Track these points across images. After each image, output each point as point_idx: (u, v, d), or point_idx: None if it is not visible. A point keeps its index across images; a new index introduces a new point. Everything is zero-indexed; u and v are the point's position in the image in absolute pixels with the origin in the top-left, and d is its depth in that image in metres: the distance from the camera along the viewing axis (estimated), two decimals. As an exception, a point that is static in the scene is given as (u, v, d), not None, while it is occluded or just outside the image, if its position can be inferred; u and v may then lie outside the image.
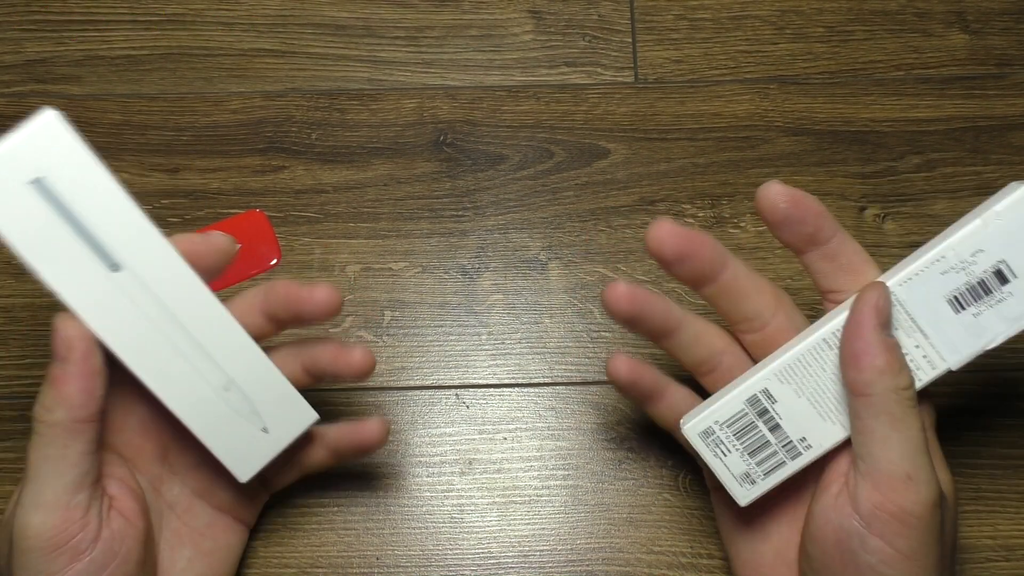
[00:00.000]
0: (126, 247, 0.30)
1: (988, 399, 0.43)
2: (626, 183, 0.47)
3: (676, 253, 0.32)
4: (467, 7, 0.51)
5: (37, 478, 0.31)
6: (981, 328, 0.33)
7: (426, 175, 0.48)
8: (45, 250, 0.30)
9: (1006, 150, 0.48)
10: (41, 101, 0.49)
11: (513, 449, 0.42)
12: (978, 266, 0.32)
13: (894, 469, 0.31)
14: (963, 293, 0.33)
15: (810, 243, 0.33)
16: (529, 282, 0.45)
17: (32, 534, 0.31)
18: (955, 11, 0.51)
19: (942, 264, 0.33)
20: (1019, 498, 0.41)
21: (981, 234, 0.32)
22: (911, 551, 0.31)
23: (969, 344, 0.33)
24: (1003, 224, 0.32)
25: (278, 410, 0.34)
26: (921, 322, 0.33)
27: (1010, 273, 0.32)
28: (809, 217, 0.32)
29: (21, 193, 0.29)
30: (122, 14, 0.51)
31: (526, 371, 0.44)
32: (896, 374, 0.31)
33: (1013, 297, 0.32)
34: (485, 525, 0.41)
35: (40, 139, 0.29)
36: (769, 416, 0.34)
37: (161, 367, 0.32)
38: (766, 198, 0.32)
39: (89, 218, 0.30)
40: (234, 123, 0.48)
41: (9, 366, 0.44)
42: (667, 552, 0.41)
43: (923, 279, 0.33)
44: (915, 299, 0.33)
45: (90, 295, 0.30)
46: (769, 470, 0.34)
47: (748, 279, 0.34)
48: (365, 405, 0.43)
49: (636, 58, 0.50)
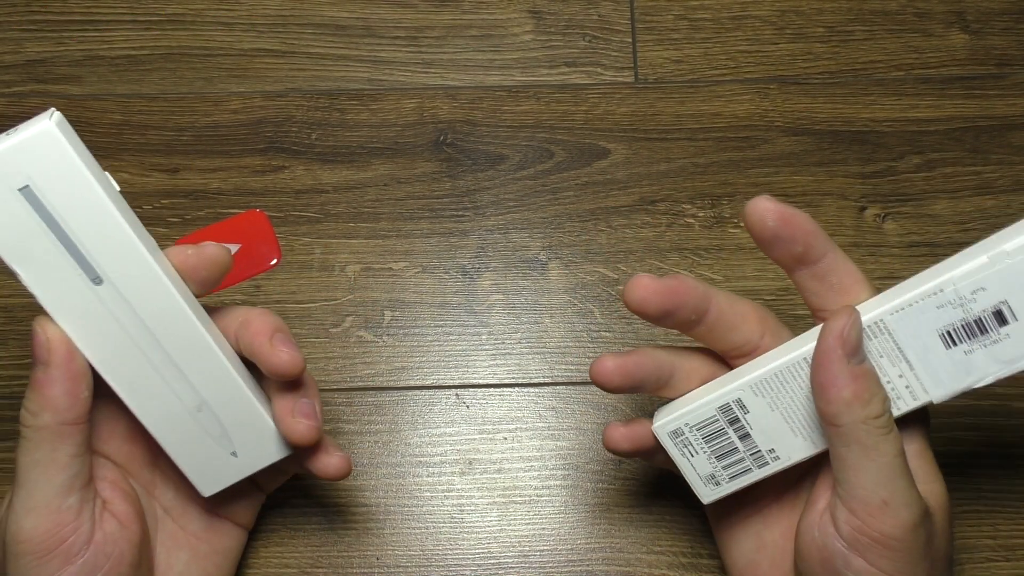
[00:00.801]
0: (110, 261, 0.30)
1: (988, 399, 0.43)
2: (626, 183, 0.47)
3: (660, 310, 0.32)
4: (467, 7, 0.51)
5: (27, 483, 0.31)
6: (971, 366, 0.31)
7: (426, 175, 0.48)
8: (28, 256, 0.30)
9: (1006, 150, 0.48)
10: (41, 101, 0.49)
11: (513, 449, 0.42)
12: (977, 304, 0.30)
13: (869, 496, 0.30)
14: (957, 329, 0.31)
15: (800, 262, 0.32)
16: (529, 282, 0.45)
17: (24, 538, 0.31)
18: (955, 11, 0.51)
19: (939, 298, 0.31)
20: (1019, 498, 0.41)
21: (986, 272, 0.30)
22: (896, 571, 0.30)
23: (956, 380, 0.32)
24: (1013, 264, 0.30)
25: (250, 438, 0.34)
26: (908, 353, 0.32)
27: (1011, 315, 0.31)
28: (799, 235, 0.31)
29: (8, 199, 0.29)
30: (122, 14, 0.51)
31: (526, 371, 0.44)
32: (865, 404, 0.30)
33: (1010, 339, 0.31)
34: (485, 525, 0.41)
35: (34, 145, 0.29)
36: (740, 425, 0.33)
37: (135, 381, 0.32)
38: (754, 214, 0.31)
39: (75, 229, 0.30)
40: (234, 123, 0.48)
41: (9, 366, 0.44)
42: (667, 552, 0.41)
43: (917, 310, 0.31)
44: (906, 329, 0.31)
45: (70, 304, 0.30)
46: (735, 475, 0.34)
47: (732, 310, 0.33)
48: (366, 406, 0.43)
49: (636, 58, 0.50)
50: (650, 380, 0.33)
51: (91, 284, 0.30)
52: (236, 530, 0.38)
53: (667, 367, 0.34)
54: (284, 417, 0.33)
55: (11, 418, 0.43)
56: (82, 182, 0.29)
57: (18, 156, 0.29)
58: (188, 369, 0.32)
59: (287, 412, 0.33)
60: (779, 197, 0.31)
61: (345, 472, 0.35)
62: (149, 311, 0.31)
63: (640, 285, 0.31)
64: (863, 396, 0.30)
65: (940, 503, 0.32)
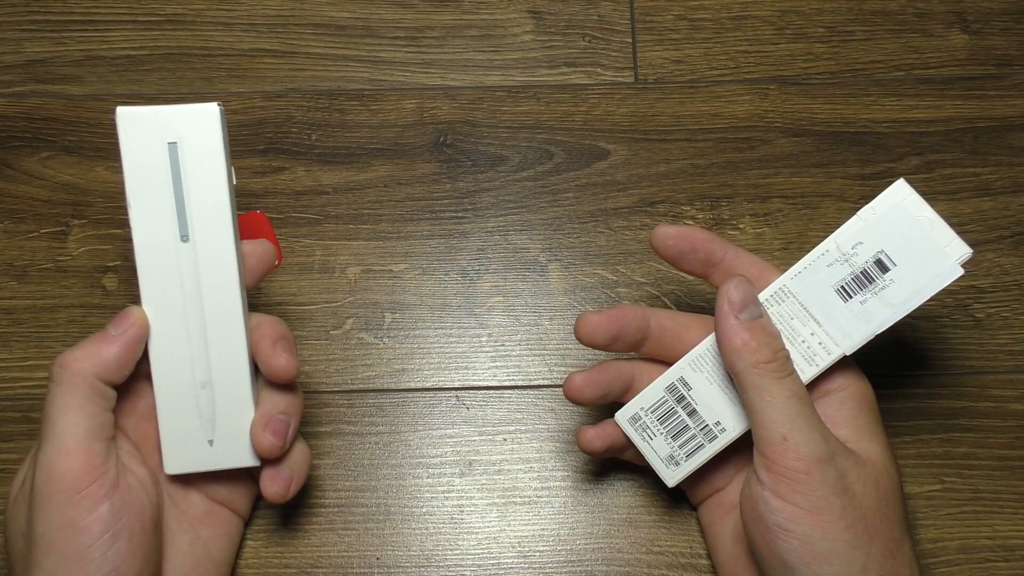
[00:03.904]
0: (202, 227, 0.35)
1: (985, 401, 0.43)
2: (625, 184, 0.47)
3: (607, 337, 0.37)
4: (467, 7, 0.51)
5: (58, 426, 0.33)
6: (869, 315, 0.35)
7: (426, 176, 0.48)
8: (144, 197, 0.35)
9: (1005, 151, 0.48)
10: (41, 101, 0.49)
11: (513, 450, 0.43)
12: (859, 257, 0.35)
13: (770, 435, 0.33)
14: (849, 283, 0.35)
15: (708, 265, 0.37)
16: (529, 284, 0.46)
17: (57, 478, 0.32)
18: (955, 11, 0.51)
19: (827, 257, 0.36)
20: (1017, 499, 0.42)
21: (859, 227, 0.35)
22: (811, 506, 0.32)
23: (860, 330, 0.35)
24: (878, 217, 0.35)
25: (231, 434, 0.36)
26: (814, 311, 0.36)
27: (890, 262, 0.35)
28: (697, 244, 0.37)
29: (157, 147, 0.35)
30: (122, 14, 0.51)
31: (526, 373, 0.44)
32: (754, 351, 0.34)
33: (895, 284, 0.35)
34: (485, 526, 0.41)
35: (198, 117, 0.35)
36: (686, 402, 0.37)
37: (167, 335, 0.35)
38: (657, 240, 0.37)
39: (190, 191, 0.35)
40: (234, 124, 0.48)
41: (12, 368, 0.44)
42: (667, 552, 0.41)
43: (811, 271, 0.36)
44: (806, 290, 0.36)
45: (154, 248, 0.35)
46: (690, 452, 0.37)
47: (674, 323, 0.38)
48: (366, 407, 0.43)
49: (636, 58, 0.50)
50: (615, 386, 0.38)
51: (179, 239, 0.35)
52: (234, 518, 0.39)
53: (627, 373, 0.38)
54: (257, 426, 0.36)
55: (14, 420, 0.43)
56: (215, 159, 0.35)
57: (182, 117, 0.35)
58: (213, 345, 0.35)
59: (261, 423, 0.36)
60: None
61: (277, 498, 0.36)
62: (210, 281, 0.35)
63: (586, 321, 0.37)
64: (751, 344, 0.34)
65: (873, 460, 0.34)
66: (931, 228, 0.35)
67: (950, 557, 0.40)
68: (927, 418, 0.43)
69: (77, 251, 0.46)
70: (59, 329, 0.44)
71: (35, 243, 0.46)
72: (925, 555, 0.41)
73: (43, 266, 0.46)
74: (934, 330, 0.45)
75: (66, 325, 0.44)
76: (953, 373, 0.44)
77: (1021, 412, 0.43)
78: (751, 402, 0.34)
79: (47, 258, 0.46)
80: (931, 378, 0.44)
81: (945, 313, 0.45)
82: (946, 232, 0.35)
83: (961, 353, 0.44)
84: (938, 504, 0.41)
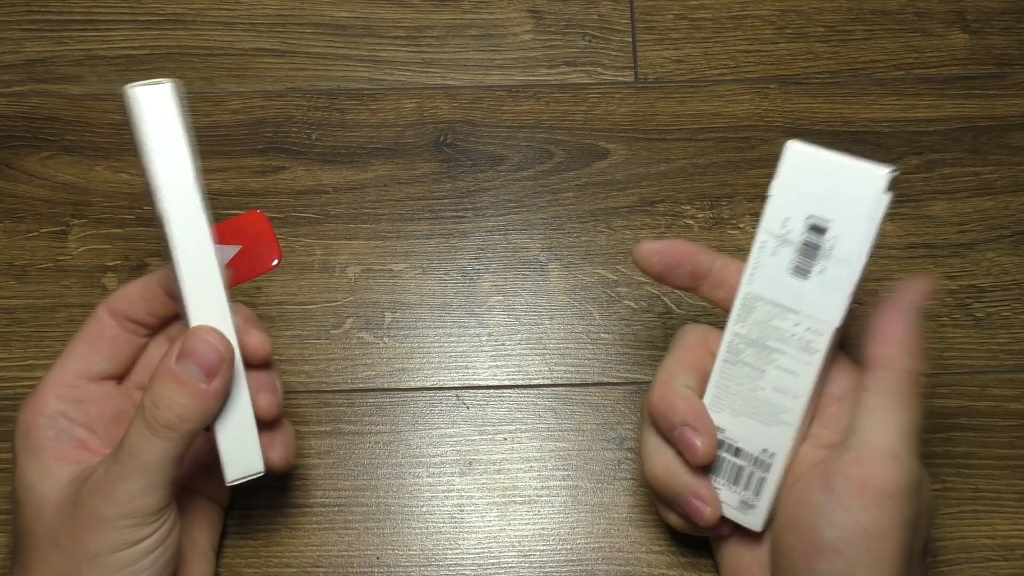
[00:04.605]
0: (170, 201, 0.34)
1: (985, 400, 0.43)
2: (625, 184, 0.47)
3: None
4: (467, 7, 0.51)
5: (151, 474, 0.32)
6: (834, 280, 0.34)
7: (426, 176, 0.48)
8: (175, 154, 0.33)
9: (1005, 151, 0.48)
10: (41, 101, 0.49)
11: (513, 450, 0.43)
12: (794, 232, 0.34)
13: (885, 446, 0.31)
14: (799, 260, 0.34)
15: (695, 278, 0.36)
16: (529, 283, 0.46)
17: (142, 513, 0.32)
18: (955, 11, 0.51)
19: (767, 248, 0.34)
20: (1017, 498, 0.42)
21: (778, 203, 0.34)
22: (876, 529, 0.31)
23: (834, 297, 0.34)
24: (787, 186, 0.34)
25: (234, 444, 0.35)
26: (785, 302, 0.34)
27: (823, 222, 0.33)
28: (682, 257, 0.36)
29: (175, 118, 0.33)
30: (122, 14, 0.51)
31: (526, 372, 0.44)
32: (916, 357, 0.32)
33: (840, 239, 0.33)
34: (485, 525, 0.41)
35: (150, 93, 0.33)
36: (727, 444, 0.36)
37: None
38: (640, 257, 0.36)
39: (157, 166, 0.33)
40: (234, 123, 0.48)
41: (12, 367, 0.44)
42: (667, 552, 0.41)
43: (762, 268, 0.35)
44: (767, 287, 0.35)
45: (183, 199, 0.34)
46: (757, 489, 0.35)
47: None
48: (367, 407, 0.43)
49: (636, 58, 0.50)
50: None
51: None
52: (212, 505, 0.39)
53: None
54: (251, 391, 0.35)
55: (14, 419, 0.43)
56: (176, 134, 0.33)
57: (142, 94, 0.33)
58: None
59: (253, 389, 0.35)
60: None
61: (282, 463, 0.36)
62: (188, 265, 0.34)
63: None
64: (917, 347, 0.32)
65: (926, 488, 0.33)
66: (840, 170, 0.33)
67: (950, 556, 0.40)
68: (927, 417, 0.43)
69: (77, 251, 0.46)
70: (59, 329, 0.44)
71: (35, 243, 0.46)
72: (925, 554, 0.41)
73: (43, 266, 0.46)
74: (934, 329, 0.45)
75: (66, 325, 0.44)
76: (953, 372, 0.44)
77: (1021, 411, 0.43)
78: (885, 406, 0.32)
79: (47, 258, 0.46)
80: (931, 377, 0.44)
81: (945, 312, 0.45)
82: (855, 166, 0.33)
83: (961, 353, 0.44)
84: (938, 503, 0.41)
